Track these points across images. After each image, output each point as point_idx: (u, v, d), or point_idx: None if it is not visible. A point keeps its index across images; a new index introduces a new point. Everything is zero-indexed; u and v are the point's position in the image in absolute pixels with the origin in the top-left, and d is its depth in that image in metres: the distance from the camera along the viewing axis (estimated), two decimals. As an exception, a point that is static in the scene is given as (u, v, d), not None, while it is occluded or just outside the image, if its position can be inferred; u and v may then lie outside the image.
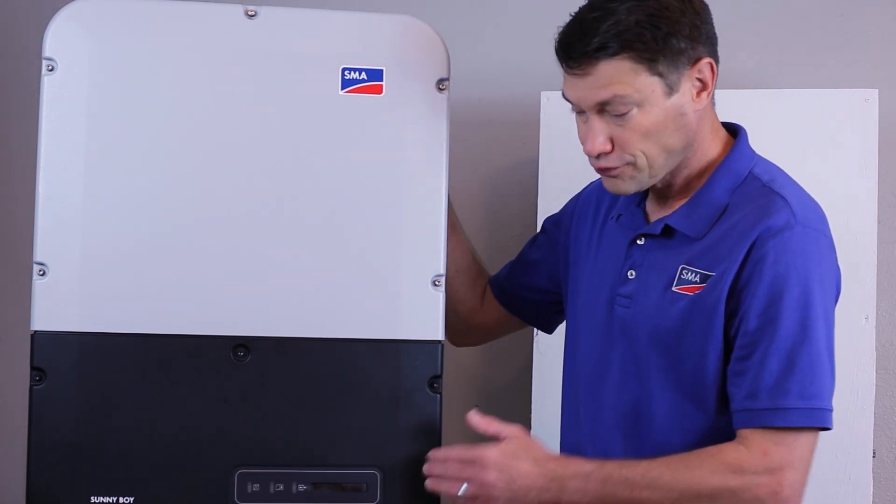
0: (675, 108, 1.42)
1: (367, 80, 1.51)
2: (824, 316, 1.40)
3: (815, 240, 1.41)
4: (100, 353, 1.46)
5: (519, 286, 1.75)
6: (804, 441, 1.39)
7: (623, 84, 1.39)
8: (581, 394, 1.58)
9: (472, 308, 1.76)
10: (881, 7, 2.24)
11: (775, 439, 1.38)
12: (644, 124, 1.41)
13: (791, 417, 1.38)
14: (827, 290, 1.42)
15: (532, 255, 1.75)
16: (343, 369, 1.50)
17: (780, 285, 1.38)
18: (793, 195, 1.44)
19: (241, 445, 1.48)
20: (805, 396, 1.38)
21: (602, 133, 1.43)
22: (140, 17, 1.49)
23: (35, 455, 1.45)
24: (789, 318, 1.38)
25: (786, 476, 1.37)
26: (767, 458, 1.38)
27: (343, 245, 1.51)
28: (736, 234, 1.42)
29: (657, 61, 1.39)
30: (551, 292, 1.71)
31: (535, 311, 1.76)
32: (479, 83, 2.27)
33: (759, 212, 1.41)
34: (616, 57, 1.38)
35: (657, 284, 1.47)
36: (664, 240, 1.49)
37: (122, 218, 1.47)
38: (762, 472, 1.37)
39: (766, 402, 1.38)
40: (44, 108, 1.47)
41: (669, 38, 1.39)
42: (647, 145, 1.42)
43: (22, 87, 2.26)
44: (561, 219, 1.72)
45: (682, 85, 1.42)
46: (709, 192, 1.47)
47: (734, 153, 1.49)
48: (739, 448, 1.39)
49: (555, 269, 1.70)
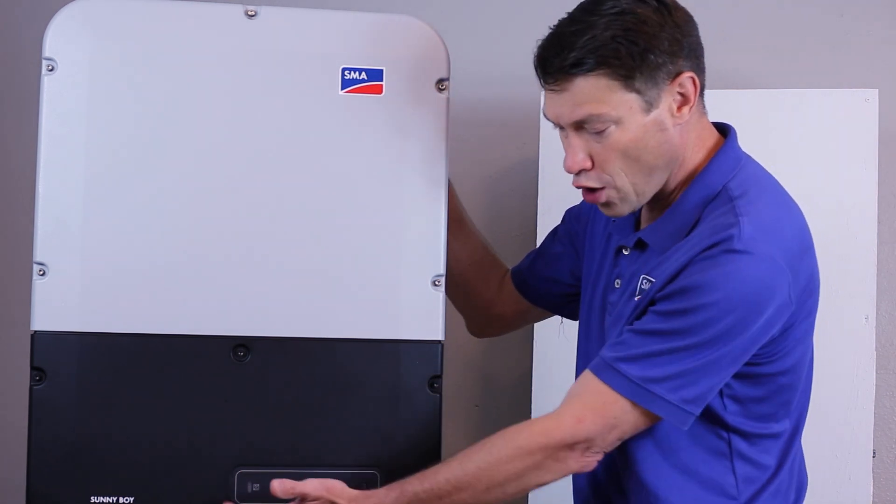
0: (654, 124, 1.38)
1: (367, 80, 1.51)
2: (726, 337, 1.34)
3: (753, 264, 1.34)
4: (100, 353, 1.46)
5: (541, 279, 1.74)
6: (628, 418, 1.37)
7: (599, 102, 1.36)
8: None
9: (490, 299, 1.76)
10: (881, 7, 2.24)
11: (599, 405, 1.37)
12: (622, 142, 1.38)
13: (621, 384, 1.36)
14: (749, 315, 1.34)
15: (554, 247, 1.74)
16: (343, 369, 1.50)
17: (690, 293, 1.35)
18: (753, 213, 1.37)
19: (241, 445, 1.48)
20: (647, 378, 1.35)
21: (581, 150, 1.40)
22: (140, 16, 1.49)
23: (35, 455, 1.45)
24: (684, 322, 1.35)
25: (591, 445, 1.37)
26: (580, 426, 1.37)
27: (343, 245, 1.51)
28: (686, 248, 1.39)
29: (634, 78, 1.36)
30: (573, 285, 1.71)
31: (557, 302, 1.75)
32: (479, 83, 2.27)
33: (709, 231, 1.38)
34: (592, 73, 1.35)
35: (626, 294, 1.47)
36: (639, 252, 1.49)
37: (122, 218, 1.47)
38: (569, 442, 1.37)
39: (613, 358, 1.37)
40: (44, 108, 1.47)
41: (647, 54, 1.35)
42: (627, 164, 1.40)
43: (22, 87, 2.26)
44: (581, 213, 1.71)
45: (662, 100, 1.38)
46: (680, 208, 1.44)
47: (712, 166, 1.45)
48: (549, 419, 1.39)
49: (576, 262, 1.70)
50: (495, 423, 2.28)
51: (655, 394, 1.36)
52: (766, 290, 1.35)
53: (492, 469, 1.38)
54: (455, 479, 1.38)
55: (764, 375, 1.42)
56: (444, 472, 1.39)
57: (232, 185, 1.49)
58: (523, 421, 1.42)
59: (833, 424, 1.96)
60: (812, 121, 2.01)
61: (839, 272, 1.94)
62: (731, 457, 1.45)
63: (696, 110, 1.43)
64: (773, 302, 1.36)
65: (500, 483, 1.38)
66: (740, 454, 1.45)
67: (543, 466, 1.38)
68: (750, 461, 1.45)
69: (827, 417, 1.93)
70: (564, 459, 1.38)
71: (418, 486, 1.39)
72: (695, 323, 1.34)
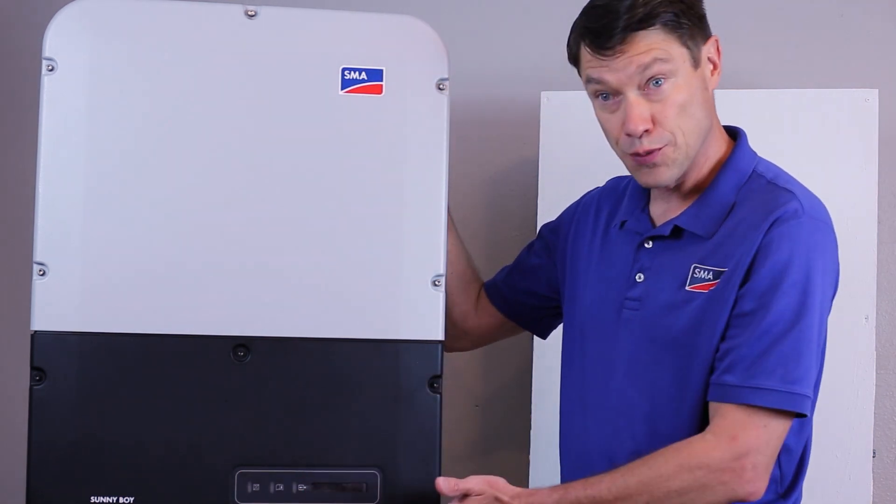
0: (700, 81, 1.46)
1: (367, 80, 1.51)
2: (820, 307, 1.42)
3: (822, 231, 1.44)
4: (100, 353, 1.46)
5: (517, 291, 1.75)
6: (776, 425, 1.40)
7: (661, 50, 1.42)
8: (589, 399, 1.57)
9: (466, 312, 1.76)
10: (881, 7, 2.24)
11: (745, 421, 1.39)
12: (679, 97, 1.43)
13: (766, 397, 1.38)
14: (827, 282, 1.43)
15: (531, 260, 1.75)
16: (343, 369, 1.50)
17: (780, 270, 1.40)
18: (799, 189, 1.46)
19: (241, 445, 1.48)
20: (786, 380, 1.38)
21: (644, 109, 1.44)
22: (140, 16, 1.49)
23: (35, 455, 1.45)
24: (784, 303, 1.39)
25: (750, 460, 1.38)
26: (735, 443, 1.38)
27: (343, 245, 1.51)
28: (744, 228, 1.43)
29: (684, 33, 1.43)
30: (549, 298, 1.72)
31: (532, 316, 1.76)
32: (479, 83, 2.27)
33: (767, 205, 1.44)
34: (651, 28, 1.41)
35: (670, 285, 1.47)
36: (673, 241, 1.50)
37: (122, 218, 1.47)
38: (729, 460, 1.38)
39: (743, 378, 1.39)
40: (44, 108, 1.47)
41: (691, 12, 1.44)
42: (683, 120, 1.44)
43: (22, 87, 2.26)
44: (559, 226, 1.72)
45: (702, 60, 1.46)
46: (716, 191, 1.49)
47: (737, 153, 1.51)
48: (706, 438, 1.40)
49: (553, 275, 1.71)
50: (495, 424, 2.29)
51: (799, 394, 1.39)
52: (832, 254, 1.46)
53: (653, 483, 1.39)
54: (617, 488, 1.39)
55: None
56: (608, 482, 1.40)
57: (232, 186, 1.49)
58: (688, 437, 1.42)
59: (833, 424, 1.96)
60: (812, 121, 2.01)
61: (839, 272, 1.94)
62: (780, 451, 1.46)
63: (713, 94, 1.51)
64: (836, 265, 1.46)
65: (660, 498, 1.39)
66: (786, 447, 1.46)
67: (707, 487, 1.39)
68: (791, 452, 1.48)
69: (827, 417, 1.92)
70: (730, 482, 1.38)
71: (581, 491, 1.41)
72: (797, 303, 1.40)
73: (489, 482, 1.44)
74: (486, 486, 1.44)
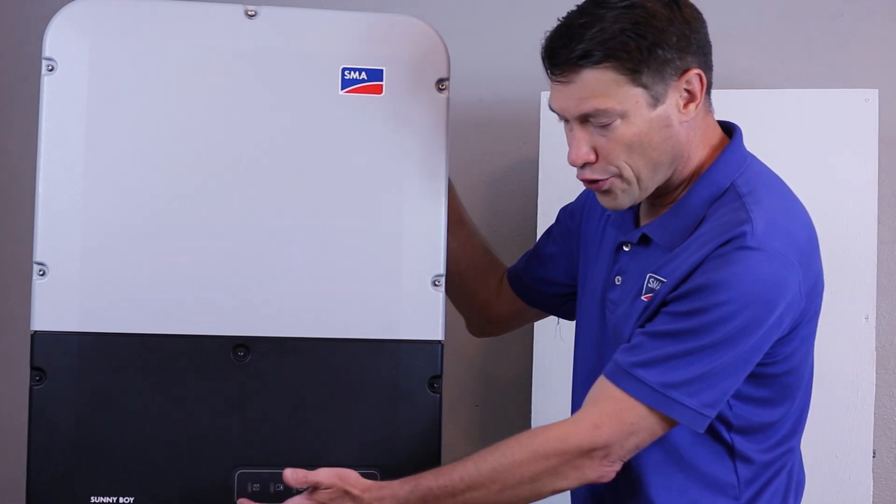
0: (660, 119, 1.38)
1: (367, 80, 1.51)
2: (742, 335, 1.34)
3: (766, 261, 1.35)
4: (100, 353, 1.46)
5: (536, 279, 1.74)
6: (645, 425, 1.37)
7: (605, 97, 1.36)
8: (578, 396, 1.58)
9: (487, 300, 1.76)
10: (881, 7, 2.24)
11: (615, 415, 1.36)
12: (627, 136, 1.38)
13: (638, 389, 1.36)
14: (764, 312, 1.35)
15: (548, 247, 1.74)
16: (343, 369, 1.50)
17: (705, 288, 1.34)
18: (763, 211, 1.38)
19: (241, 445, 1.48)
20: (666, 383, 1.35)
21: (585, 143, 1.40)
22: (140, 16, 1.49)
23: (35, 455, 1.45)
24: (700, 321, 1.34)
25: (605, 451, 1.36)
26: (597, 432, 1.36)
27: (343, 245, 1.51)
28: (698, 244, 1.39)
29: (641, 72, 1.35)
30: (568, 285, 1.70)
31: (553, 303, 1.75)
32: (479, 83, 2.27)
33: (723, 226, 1.38)
34: (599, 66, 1.35)
35: (631, 293, 1.46)
36: (643, 248, 1.48)
37: (122, 218, 1.47)
38: (585, 448, 1.36)
39: (628, 364, 1.37)
40: (44, 108, 1.47)
41: (655, 49, 1.35)
42: (632, 158, 1.39)
43: (22, 87, 2.26)
44: (574, 209, 1.71)
45: (669, 96, 1.38)
46: (687, 204, 1.44)
47: (719, 163, 1.45)
48: (566, 424, 1.39)
49: (570, 261, 1.69)
50: (495, 423, 2.29)
51: (674, 399, 1.35)
52: (778, 287, 1.35)
53: (506, 471, 1.37)
54: (469, 477, 1.37)
55: (769, 376, 1.42)
56: (460, 471, 1.38)
57: (232, 185, 1.49)
58: (536, 424, 1.42)
59: (833, 424, 1.96)
60: (812, 121, 2.01)
61: (839, 272, 1.94)
62: (734, 457, 1.45)
63: (703, 108, 1.43)
64: (784, 299, 1.36)
65: (513, 485, 1.38)
66: (742, 455, 1.44)
67: (559, 472, 1.38)
68: (751, 462, 1.45)
69: (827, 417, 1.93)
70: (581, 467, 1.37)
71: (433, 481, 1.38)
72: (710, 321, 1.34)
73: (339, 475, 1.40)
74: (336, 480, 1.39)
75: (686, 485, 1.45)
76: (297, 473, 1.39)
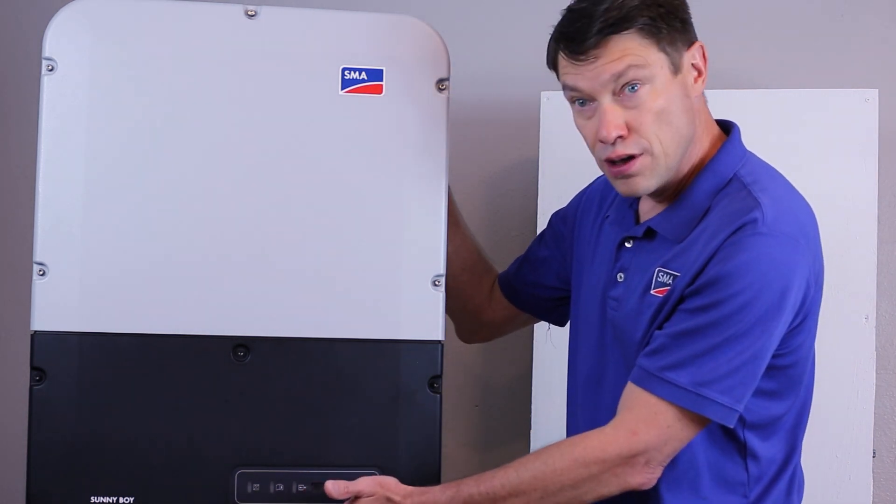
0: (681, 87, 1.41)
1: (367, 80, 1.51)
2: (763, 322, 1.35)
3: (779, 246, 1.36)
4: (100, 353, 1.46)
5: (527, 284, 1.74)
6: (680, 427, 1.38)
7: (636, 56, 1.38)
8: (579, 397, 1.58)
9: (480, 305, 1.77)
10: (881, 7, 2.24)
11: (650, 418, 1.37)
12: (657, 103, 1.39)
13: (672, 393, 1.36)
14: (781, 298, 1.36)
15: (540, 252, 1.74)
16: (343, 369, 1.50)
17: (724, 278, 1.35)
18: (769, 198, 1.40)
19: (241, 445, 1.48)
20: (697, 381, 1.35)
21: (618, 116, 1.40)
22: (140, 16, 1.49)
23: (35, 455, 1.45)
24: (720, 313, 1.35)
25: (645, 457, 1.37)
26: (635, 438, 1.37)
27: (343, 245, 1.51)
28: (707, 235, 1.40)
29: (662, 38, 1.39)
30: (560, 289, 1.71)
31: (545, 307, 1.76)
32: (479, 83, 2.27)
33: (731, 214, 1.39)
34: (626, 32, 1.38)
35: (638, 289, 1.46)
36: (647, 242, 1.48)
37: (122, 218, 1.47)
38: (625, 455, 1.37)
39: (657, 367, 1.37)
40: (44, 108, 1.47)
41: (670, 17, 1.40)
42: (661, 128, 1.40)
43: (22, 87, 2.26)
44: (567, 214, 1.71)
45: (684, 66, 1.42)
46: (691, 196, 1.45)
47: (721, 154, 1.46)
48: (605, 432, 1.39)
49: (562, 266, 1.70)
50: (495, 424, 2.29)
51: (707, 397, 1.36)
52: (792, 271, 1.37)
53: (547, 478, 1.38)
54: (510, 484, 1.38)
55: (778, 368, 1.43)
56: (500, 477, 1.39)
57: (232, 185, 1.49)
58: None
59: (833, 424, 1.96)
60: (812, 121, 2.01)
61: (839, 272, 1.94)
62: (745, 455, 1.45)
63: (701, 96, 1.46)
64: (797, 283, 1.38)
65: (554, 492, 1.38)
66: (752, 453, 1.45)
67: (601, 480, 1.38)
68: (760, 458, 1.46)
69: (827, 417, 1.93)
70: (622, 474, 1.38)
71: (474, 488, 1.39)
72: (730, 312, 1.35)
73: (380, 482, 1.42)
74: (377, 487, 1.42)
75: (697, 483, 1.45)
76: (339, 485, 1.42)
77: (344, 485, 1.42)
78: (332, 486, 1.42)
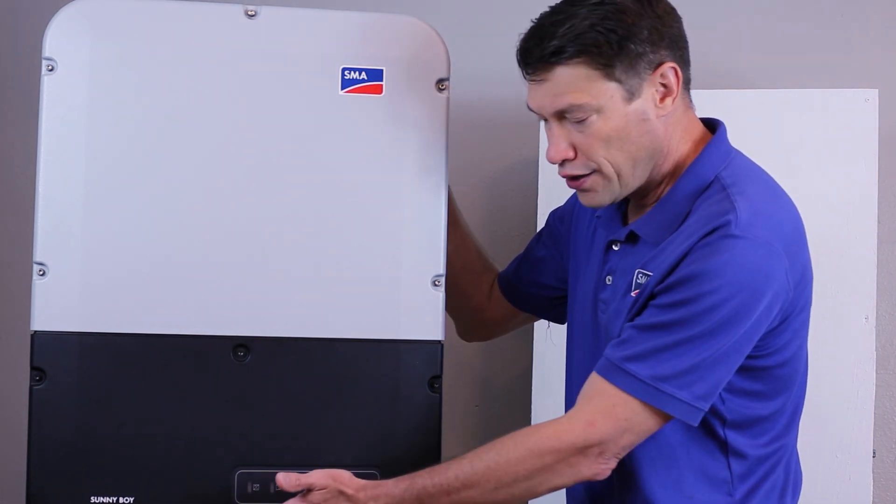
0: (636, 113, 1.39)
1: (367, 80, 1.51)
2: (731, 324, 1.34)
3: (751, 248, 1.34)
4: (100, 353, 1.46)
5: (526, 283, 1.74)
6: (639, 420, 1.37)
7: (579, 92, 1.37)
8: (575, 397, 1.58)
9: (479, 304, 1.77)
10: (881, 7, 2.24)
11: (609, 410, 1.36)
12: (604, 130, 1.38)
13: (630, 384, 1.35)
14: (751, 301, 1.34)
15: (538, 251, 1.74)
16: (343, 369, 1.50)
17: (691, 278, 1.34)
18: (746, 201, 1.38)
19: (241, 445, 1.48)
20: (656, 376, 1.35)
21: (563, 140, 1.41)
22: (140, 16, 1.49)
23: (35, 455, 1.45)
24: (689, 311, 1.34)
25: (600, 448, 1.36)
26: (591, 429, 1.36)
27: (343, 245, 1.51)
28: (683, 237, 1.39)
29: (614, 67, 1.36)
30: (558, 288, 1.71)
31: (544, 306, 1.76)
32: (479, 83, 2.27)
33: (707, 217, 1.38)
34: (571, 62, 1.36)
35: (621, 290, 1.46)
36: (631, 245, 1.48)
37: (122, 218, 1.47)
38: (580, 446, 1.36)
39: (619, 358, 1.37)
40: (44, 108, 1.47)
41: (626, 43, 1.36)
42: (611, 152, 1.40)
43: (22, 87, 2.26)
44: (564, 213, 1.71)
45: (644, 91, 1.39)
46: (671, 199, 1.45)
47: (703, 157, 1.45)
48: (560, 422, 1.39)
49: (560, 265, 1.70)
50: (495, 423, 2.29)
51: (666, 392, 1.35)
52: (764, 275, 1.35)
53: (500, 469, 1.37)
54: (464, 475, 1.37)
55: (762, 369, 1.42)
56: (455, 469, 1.38)
57: (232, 185, 1.49)
58: (534, 423, 1.41)
59: (833, 424, 1.96)
60: (812, 121, 2.01)
61: (839, 272, 1.94)
62: (727, 453, 1.45)
63: (682, 103, 1.44)
64: (771, 287, 1.36)
65: (508, 483, 1.37)
66: (736, 451, 1.44)
67: (555, 470, 1.38)
68: (745, 457, 1.45)
69: (827, 417, 1.93)
70: (576, 464, 1.37)
71: (428, 480, 1.38)
72: (698, 311, 1.34)
73: (333, 476, 1.40)
74: (330, 480, 1.39)
75: (681, 480, 1.45)
76: (290, 477, 1.39)
77: (295, 477, 1.39)
78: (283, 478, 1.39)
